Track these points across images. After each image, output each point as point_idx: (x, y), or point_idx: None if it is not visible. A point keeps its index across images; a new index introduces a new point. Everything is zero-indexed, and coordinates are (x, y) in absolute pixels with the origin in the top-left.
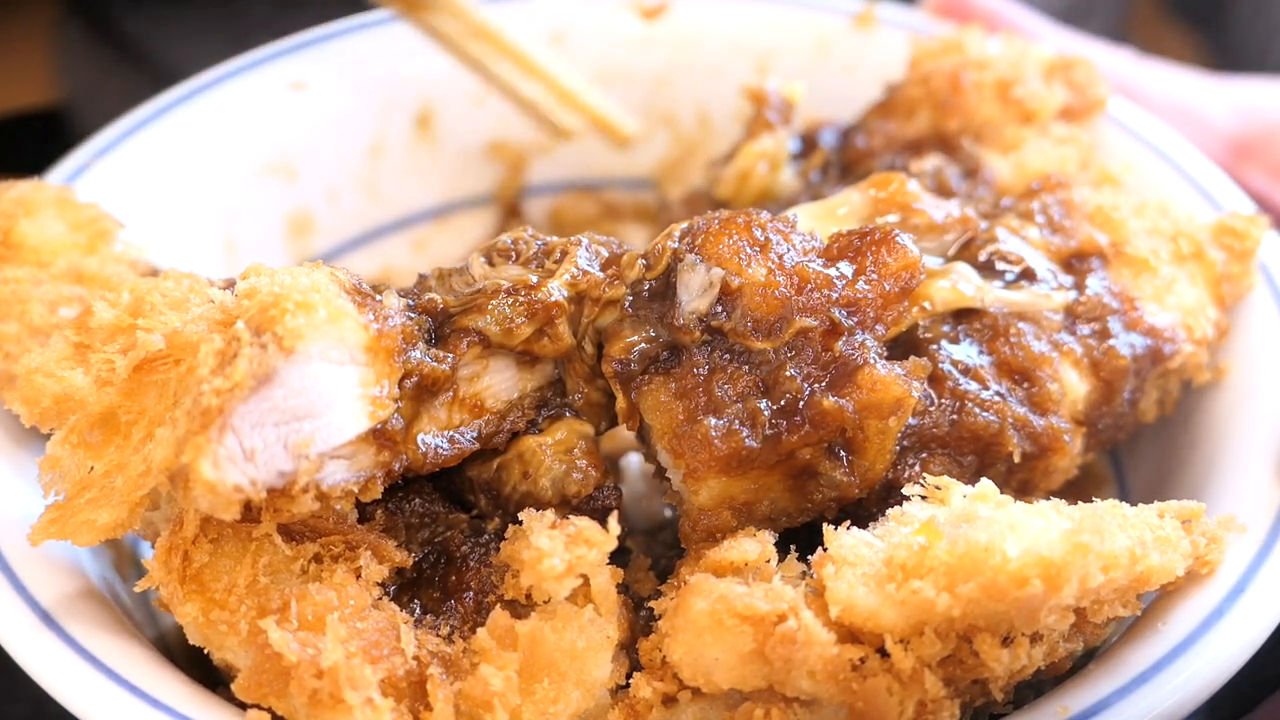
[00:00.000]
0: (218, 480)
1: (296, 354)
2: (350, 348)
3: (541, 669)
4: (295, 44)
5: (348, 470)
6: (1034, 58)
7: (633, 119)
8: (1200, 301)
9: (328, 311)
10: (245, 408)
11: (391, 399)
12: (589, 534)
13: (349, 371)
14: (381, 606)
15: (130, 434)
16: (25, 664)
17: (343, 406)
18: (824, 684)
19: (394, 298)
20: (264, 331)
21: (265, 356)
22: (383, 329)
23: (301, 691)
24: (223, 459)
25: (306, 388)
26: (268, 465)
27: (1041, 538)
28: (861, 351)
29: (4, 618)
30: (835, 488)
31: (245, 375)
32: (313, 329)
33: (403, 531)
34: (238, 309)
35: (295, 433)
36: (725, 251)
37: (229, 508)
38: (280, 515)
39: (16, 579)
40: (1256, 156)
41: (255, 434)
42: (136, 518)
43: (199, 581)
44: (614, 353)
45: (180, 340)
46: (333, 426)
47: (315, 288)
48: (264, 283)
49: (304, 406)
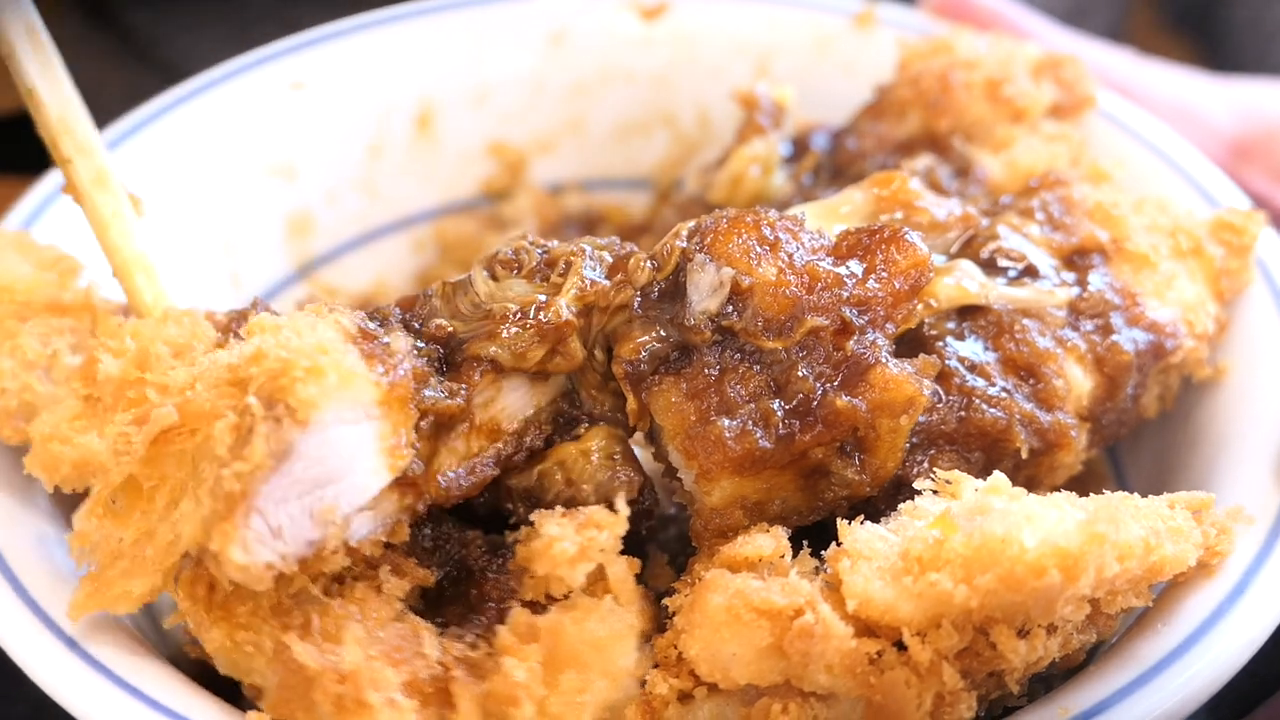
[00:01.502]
0: (249, 563)
1: (312, 424)
2: (364, 405)
3: (565, 660)
4: (295, 44)
5: (373, 522)
6: (1023, 56)
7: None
8: (1200, 297)
9: (338, 375)
10: (268, 488)
11: (410, 446)
12: (598, 517)
13: (365, 429)
14: (404, 618)
15: (154, 500)
16: (25, 665)
17: (363, 464)
18: (841, 678)
19: (401, 339)
20: (276, 403)
21: (281, 431)
22: (393, 379)
23: (326, 699)
24: (251, 542)
25: (325, 455)
26: (296, 538)
27: (1058, 528)
28: (873, 350)
29: (5, 619)
30: (846, 486)
31: (264, 455)
32: (325, 396)
33: (420, 556)
34: (245, 372)
35: (319, 501)
36: (735, 251)
37: (261, 583)
38: (311, 573)
39: (17, 581)
40: (1257, 157)
41: (280, 510)
42: (170, 582)
43: (225, 608)
44: (624, 354)
45: (192, 410)
46: (356, 487)
47: (322, 348)
48: (270, 344)
49: (325, 474)
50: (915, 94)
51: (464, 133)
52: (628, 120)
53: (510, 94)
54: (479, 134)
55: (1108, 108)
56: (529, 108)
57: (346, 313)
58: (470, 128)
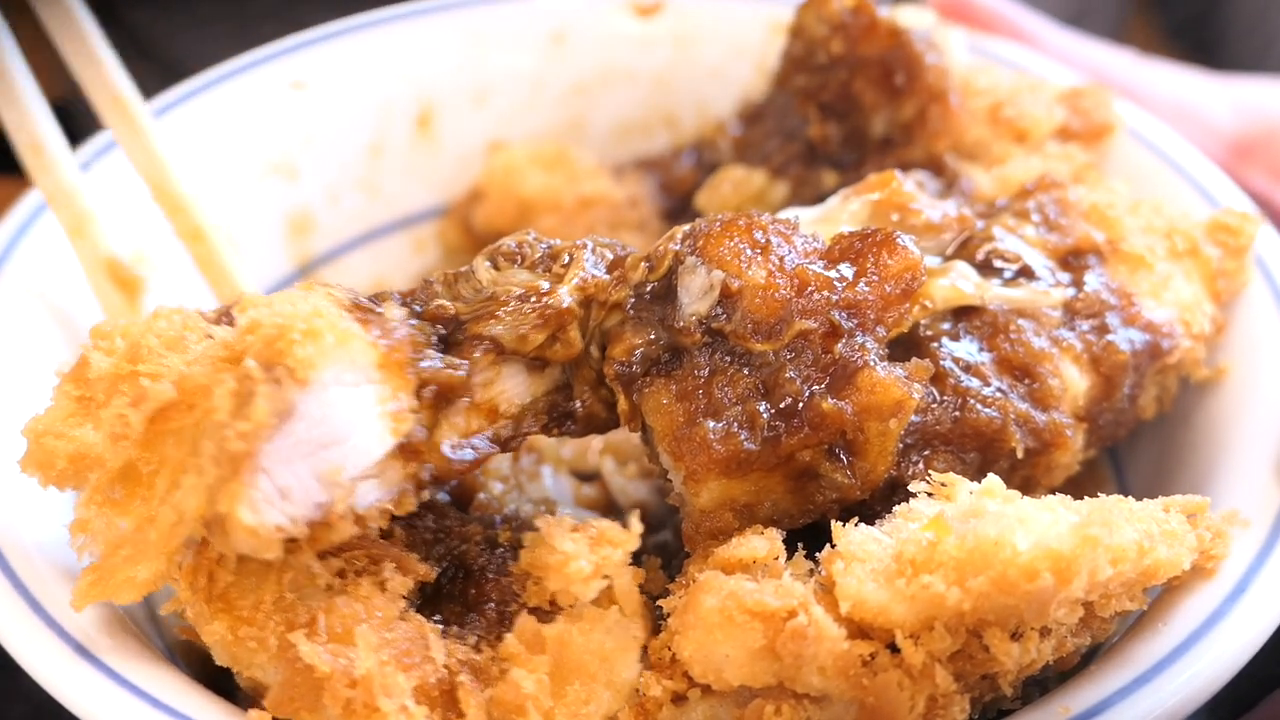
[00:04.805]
0: (258, 524)
1: (312, 384)
2: (363, 367)
3: (571, 671)
4: (295, 44)
5: (379, 489)
6: (1046, 87)
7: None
8: (1197, 297)
9: (335, 335)
10: (272, 447)
11: (411, 410)
12: (611, 535)
13: (366, 391)
14: (408, 617)
15: (154, 485)
16: (25, 663)
17: (366, 427)
18: (834, 680)
19: (395, 308)
20: (275, 366)
21: (281, 391)
22: (391, 343)
23: (335, 702)
24: (259, 502)
25: (327, 415)
26: (303, 499)
27: (1051, 531)
28: (861, 354)
29: (5, 618)
30: (836, 489)
31: (266, 414)
32: (323, 356)
33: (421, 548)
34: (241, 344)
35: (324, 462)
36: (726, 254)
37: (271, 548)
38: (319, 544)
39: (17, 579)
40: (1258, 157)
41: (286, 471)
42: (175, 567)
43: (225, 600)
44: (616, 355)
45: (190, 385)
46: (360, 449)
47: (317, 313)
48: (265, 314)
49: (328, 434)
50: (831, 30)
51: (464, 133)
52: (628, 120)
53: (510, 94)
54: (479, 134)
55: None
56: (529, 108)
57: (339, 287)
58: (470, 128)
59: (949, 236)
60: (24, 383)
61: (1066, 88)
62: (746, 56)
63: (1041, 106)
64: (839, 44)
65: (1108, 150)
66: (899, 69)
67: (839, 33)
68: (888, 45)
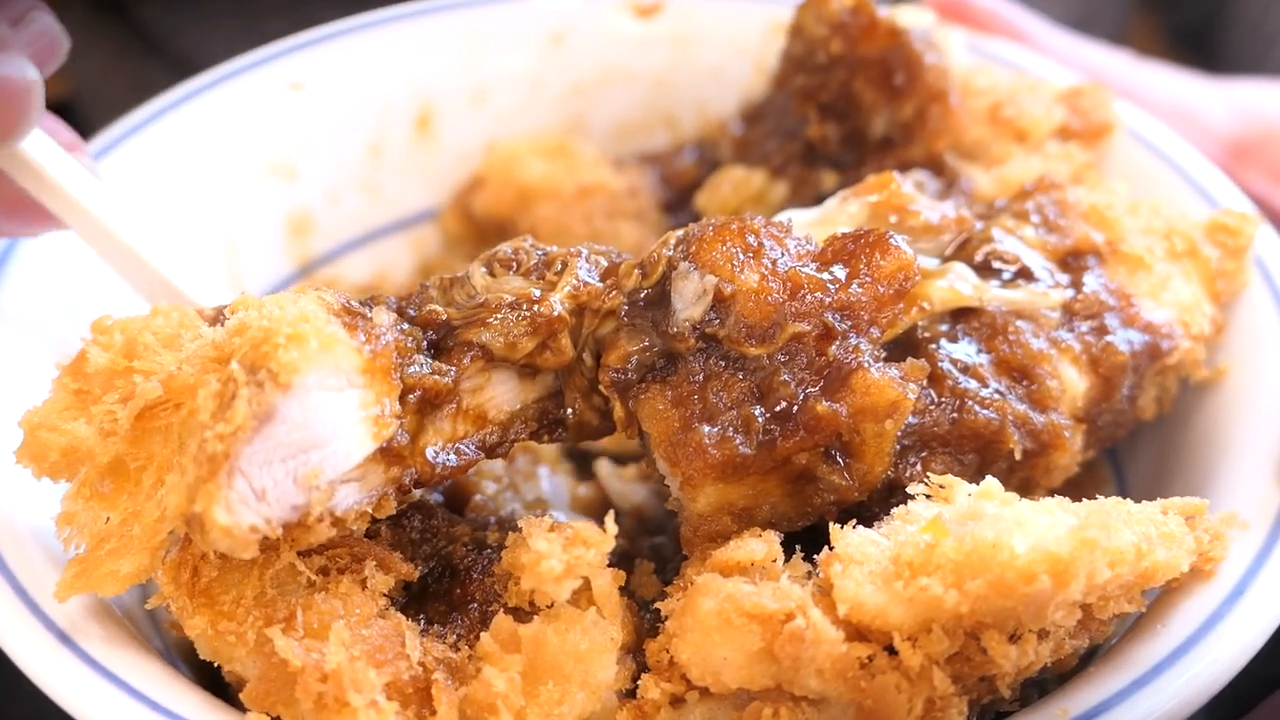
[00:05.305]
0: (233, 524)
1: (294, 388)
2: (346, 372)
3: (545, 671)
4: (295, 44)
5: (359, 492)
6: (1045, 87)
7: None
8: (1196, 298)
9: (319, 340)
10: (250, 449)
11: (394, 416)
12: (586, 535)
13: (348, 396)
14: (387, 615)
15: (141, 480)
16: (22, 663)
17: (347, 432)
18: (832, 682)
19: (384, 314)
20: (259, 369)
21: (263, 395)
22: (375, 349)
23: (307, 696)
24: (235, 503)
25: (308, 419)
26: (280, 502)
27: (1049, 534)
28: (855, 355)
29: (3, 618)
30: (834, 491)
31: (246, 417)
32: (306, 360)
33: (407, 547)
34: (229, 345)
35: (303, 465)
36: (719, 258)
37: (247, 548)
38: (299, 544)
39: (15, 579)
40: (1256, 158)
41: (264, 473)
42: (159, 562)
43: (208, 595)
44: (611, 362)
45: (177, 384)
46: (340, 453)
47: (304, 317)
48: (253, 317)
49: (308, 438)
50: (830, 30)
51: (464, 133)
52: (628, 120)
53: (510, 94)
54: (479, 134)
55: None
56: (529, 108)
57: (330, 291)
58: (470, 128)
59: (948, 238)
60: (28, 375)
61: (1066, 88)
62: (746, 56)
63: (1041, 106)
64: (838, 44)
65: (1107, 150)
66: (898, 69)
67: (838, 33)
68: (887, 45)
